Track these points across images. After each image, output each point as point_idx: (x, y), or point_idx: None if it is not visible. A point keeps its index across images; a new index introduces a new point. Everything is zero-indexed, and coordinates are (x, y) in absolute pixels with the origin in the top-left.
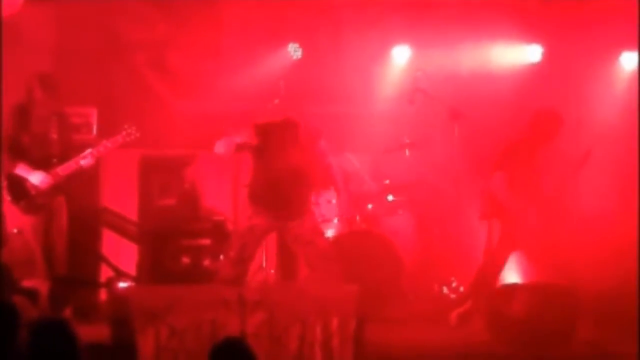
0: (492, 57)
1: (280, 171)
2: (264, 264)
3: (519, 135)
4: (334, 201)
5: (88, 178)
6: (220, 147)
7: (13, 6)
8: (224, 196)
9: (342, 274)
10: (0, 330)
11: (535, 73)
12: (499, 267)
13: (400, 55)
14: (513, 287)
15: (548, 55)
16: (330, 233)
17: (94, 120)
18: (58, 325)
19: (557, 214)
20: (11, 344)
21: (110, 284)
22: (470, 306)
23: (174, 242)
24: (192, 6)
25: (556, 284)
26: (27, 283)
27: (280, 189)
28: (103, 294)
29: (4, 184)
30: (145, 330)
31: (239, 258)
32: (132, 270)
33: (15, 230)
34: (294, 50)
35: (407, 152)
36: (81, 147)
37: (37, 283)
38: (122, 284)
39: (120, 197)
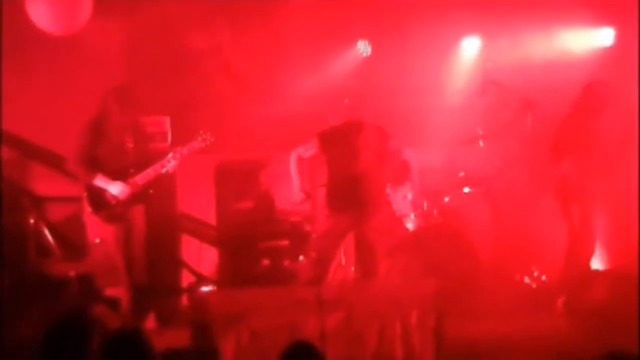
0: (563, 43)
1: (353, 173)
2: (343, 262)
3: (575, 114)
4: (409, 196)
5: (165, 185)
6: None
7: (80, 20)
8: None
9: (421, 266)
10: (74, 342)
11: (607, 56)
12: (590, 251)
13: (470, 47)
14: (593, 273)
15: (620, 38)
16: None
17: (168, 129)
18: (130, 336)
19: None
20: (85, 356)
21: (191, 289)
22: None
23: (252, 245)
24: (257, 9)
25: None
26: (109, 292)
27: (354, 190)
28: (185, 300)
29: (84, 195)
30: (226, 333)
31: (319, 259)
32: (213, 275)
33: (97, 241)
34: (364, 47)
35: (480, 143)
36: (156, 156)
37: (119, 291)
38: (204, 289)
39: (198, 202)
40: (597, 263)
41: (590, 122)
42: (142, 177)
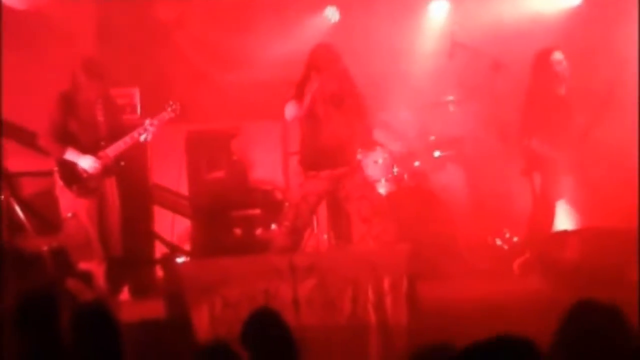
0: (530, 3)
1: (329, 133)
2: (315, 230)
3: (534, 85)
4: (380, 161)
5: (137, 157)
6: (290, 112)
7: None
8: (272, 166)
9: (395, 230)
10: (44, 315)
11: (576, 16)
12: (549, 217)
13: (438, 10)
14: (564, 233)
15: None
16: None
17: (137, 100)
18: (96, 309)
19: (593, 154)
20: (55, 330)
21: (165, 260)
22: (530, 255)
23: (225, 215)
24: None
25: (606, 228)
26: (83, 265)
27: (329, 149)
28: (158, 271)
29: (56, 169)
30: (199, 303)
31: (293, 227)
32: (186, 246)
33: (69, 215)
34: (332, 14)
35: (450, 107)
36: (127, 128)
37: (93, 265)
38: (178, 260)
39: (170, 173)
40: (567, 224)
41: (554, 92)
42: (113, 150)
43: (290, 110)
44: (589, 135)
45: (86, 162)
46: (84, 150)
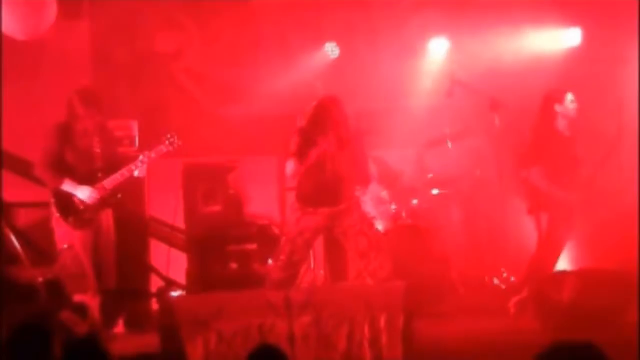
0: (530, 44)
1: (327, 169)
2: (312, 265)
3: (540, 122)
4: (377, 198)
5: (133, 190)
6: (291, 169)
7: (45, 23)
8: (268, 201)
9: (391, 267)
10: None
11: (575, 57)
12: (554, 257)
13: (438, 48)
14: (562, 274)
15: (587, 38)
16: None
17: (135, 133)
18: (89, 343)
19: (600, 199)
20: None
21: (160, 293)
22: (527, 295)
23: (221, 249)
24: (226, 11)
25: (605, 270)
26: (77, 298)
27: (328, 185)
28: (154, 304)
29: (52, 200)
30: (194, 337)
31: (289, 262)
32: (182, 279)
33: (65, 246)
34: (332, 50)
35: (449, 144)
36: (124, 160)
37: (88, 297)
38: (173, 293)
39: (166, 206)
40: (565, 264)
41: (553, 128)
42: (110, 182)
43: (292, 168)
44: (597, 176)
45: (84, 193)
46: (81, 181)
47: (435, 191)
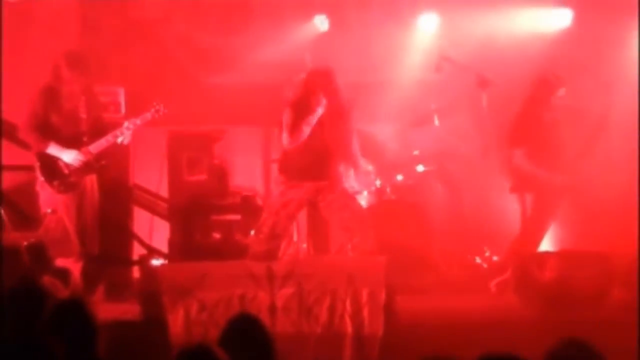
0: (520, 23)
1: (316, 143)
2: (295, 238)
3: (528, 105)
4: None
5: (118, 157)
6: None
7: None
8: (253, 172)
9: (375, 242)
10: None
11: (564, 38)
12: (537, 238)
13: (428, 23)
14: (545, 254)
15: (577, 19)
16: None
17: (122, 99)
18: (72, 305)
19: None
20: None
21: (142, 261)
22: (509, 275)
23: (204, 218)
24: None
25: (588, 251)
26: (60, 262)
27: (315, 159)
28: (136, 272)
29: (37, 164)
30: (175, 306)
31: (271, 234)
32: (164, 247)
33: (49, 210)
34: (321, 22)
35: (435, 121)
36: (110, 126)
37: (70, 262)
38: (155, 262)
39: (150, 174)
40: (548, 246)
41: (543, 114)
42: (95, 147)
43: (288, 141)
44: (583, 159)
45: (69, 156)
46: (66, 144)
47: (420, 168)
